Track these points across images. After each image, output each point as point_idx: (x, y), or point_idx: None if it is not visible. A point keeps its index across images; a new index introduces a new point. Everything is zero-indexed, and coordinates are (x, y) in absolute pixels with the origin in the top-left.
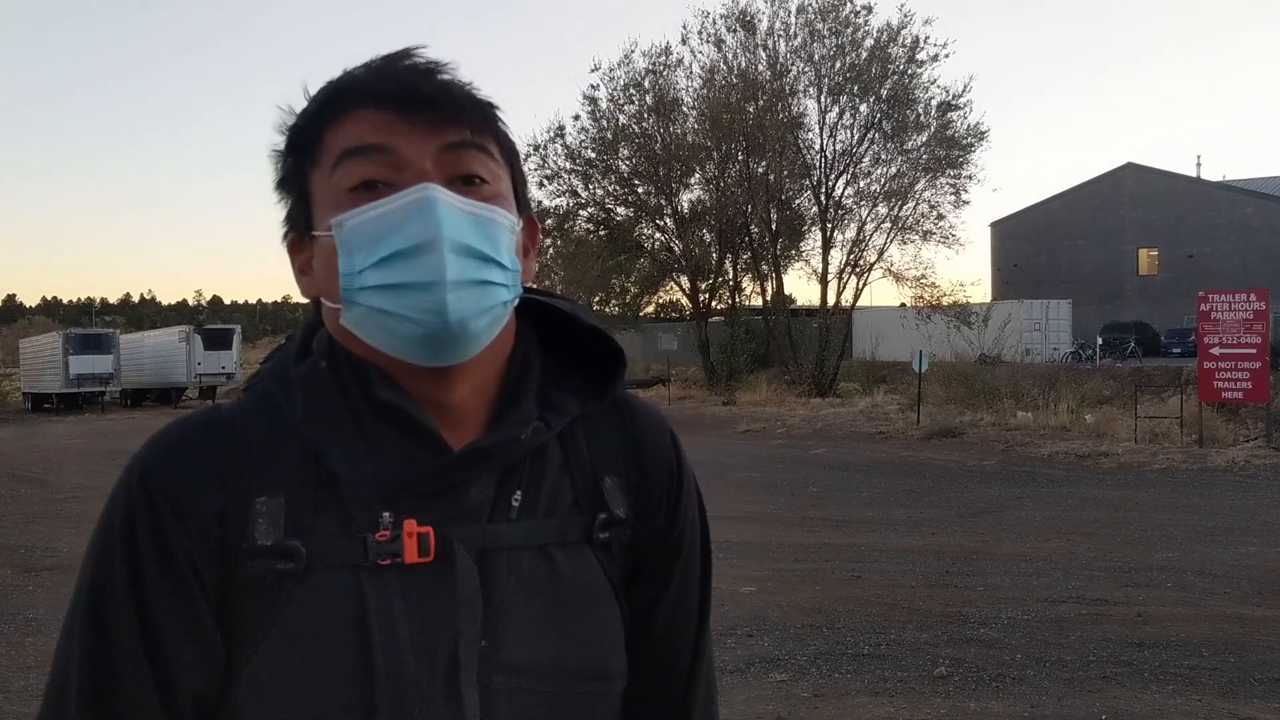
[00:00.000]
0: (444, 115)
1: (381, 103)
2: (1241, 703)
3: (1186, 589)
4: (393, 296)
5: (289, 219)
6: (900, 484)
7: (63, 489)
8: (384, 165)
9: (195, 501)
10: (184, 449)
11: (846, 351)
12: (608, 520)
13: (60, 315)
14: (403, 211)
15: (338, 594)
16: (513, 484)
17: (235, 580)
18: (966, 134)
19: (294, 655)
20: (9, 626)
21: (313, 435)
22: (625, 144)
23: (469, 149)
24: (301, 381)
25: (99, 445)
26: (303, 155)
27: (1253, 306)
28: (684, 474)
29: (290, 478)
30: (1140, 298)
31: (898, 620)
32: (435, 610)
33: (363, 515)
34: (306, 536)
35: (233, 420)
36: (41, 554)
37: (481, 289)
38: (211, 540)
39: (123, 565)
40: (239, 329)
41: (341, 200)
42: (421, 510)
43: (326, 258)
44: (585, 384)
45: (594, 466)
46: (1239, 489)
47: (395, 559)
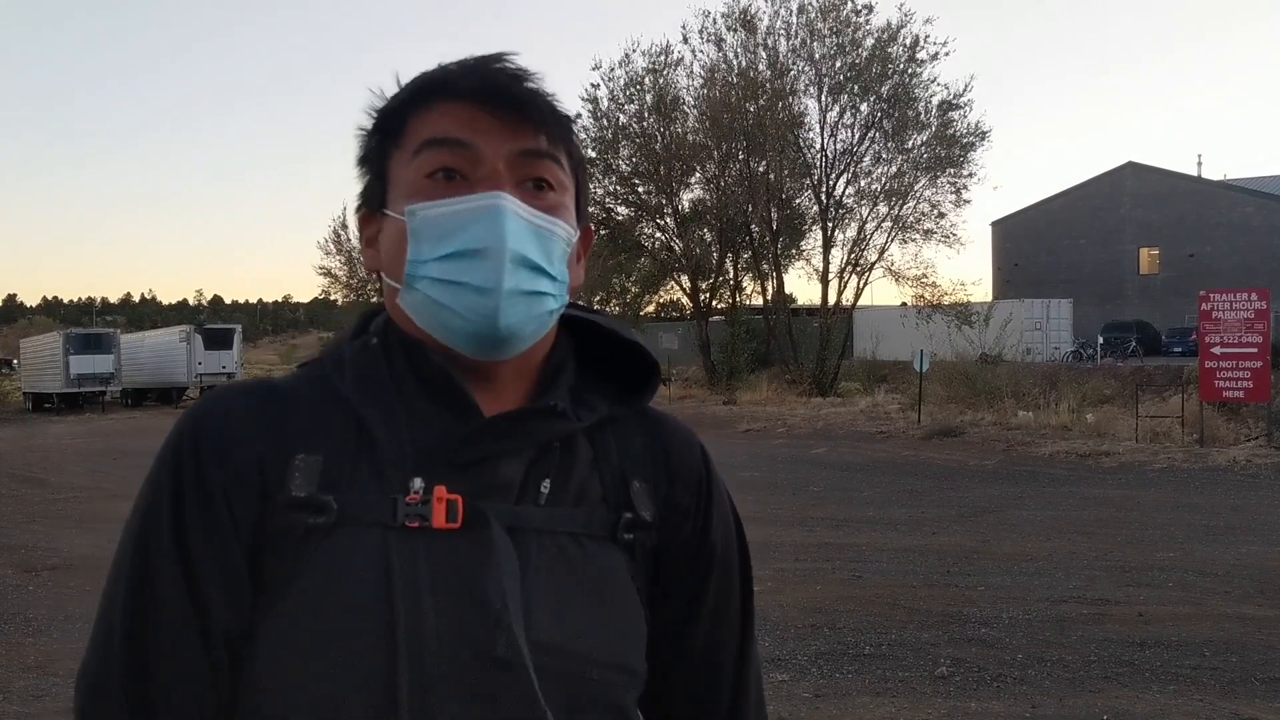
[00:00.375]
0: (524, 120)
1: (468, 98)
2: (1243, 702)
3: (1188, 588)
4: (450, 292)
5: (365, 194)
6: (901, 483)
7: (63, 489)
8: (462, 158)
9: (237, 448)
10: (231, 403)
11: (847, 351)
12: (633, 521)
13: (61, 315)
14: (472, 214)
15: (363, 548)
16: (542, 471)
17: (268, 529)
18: (967, 133)
19: (316, 605)
20: (9, 626)
21: (357, 400)
22: (626, 143)
23: (542, 158)
24: (352, 355)
25: (99, 445)
26: (386, 137)
27: (1253, 306)
28: (714, 487)
29: (331, 439)
30: (1141, 297)
31: (899, 620)
32: (459, 577)
33: (395, 477)
34: (340, 493)
35: (282, 385)
36: (42, 554)
37: (531, 299)
38: (251, 485)
39: (168, 507)
40: (239, 329)
41: (418, 185)
42: (452, 480)
43: (395, 239)
44: (617, 391)
45: (623, 468)
46: (1240, 488)
47: (423, 522)
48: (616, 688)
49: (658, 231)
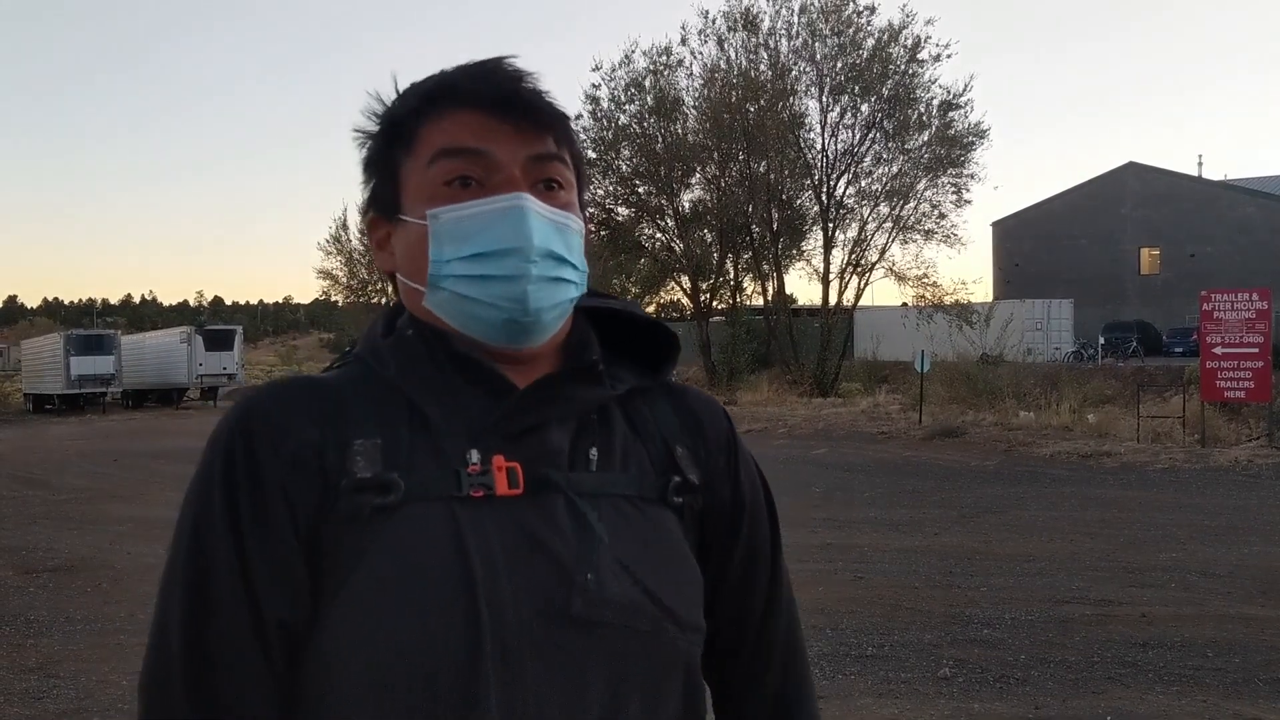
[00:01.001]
0: (534, 124)
1: (478, 105)
2: (1246, 703)
3: (1190, 589)
4: (479, 286)
5: (375, 198)
6: (902, 484)
7: (64, 490)
8: (478, 166)
9: (293, 434)
10: (283, 394)
11: (848, 351)
12: (681, 484)
13: (61, 316)
14: (497, 215)
15: (434, 521)
16: (587, 440)
17: (333, 514)
18: (967, 133)
19: (390, 579)
20: (10, 628)
21: (405, 385)
22: (626, 144)
23: (552, 160)
24: (391, 347)
25: (100, 446)
26: (397, 145)
27: (1255, 306)
28: (739, 446)
29: (386, 423)
30: (1142, 297)
31: (901, 621)
32: (530, 541)
33: (453, 452)
34: (404, 470)
35: (328, 380)
36: (43, 555)
37: (556, 285)
38: (308, 470)
39: (220, 500)
40: (240, 330)
41: (436, 192)
42: (506, 449)
43: (414, 242)
44: (639, 367)
45: (663, 435)
46: (1242, 488)
47: (487, 491)
48: (690, 645)
49: (658, 232)
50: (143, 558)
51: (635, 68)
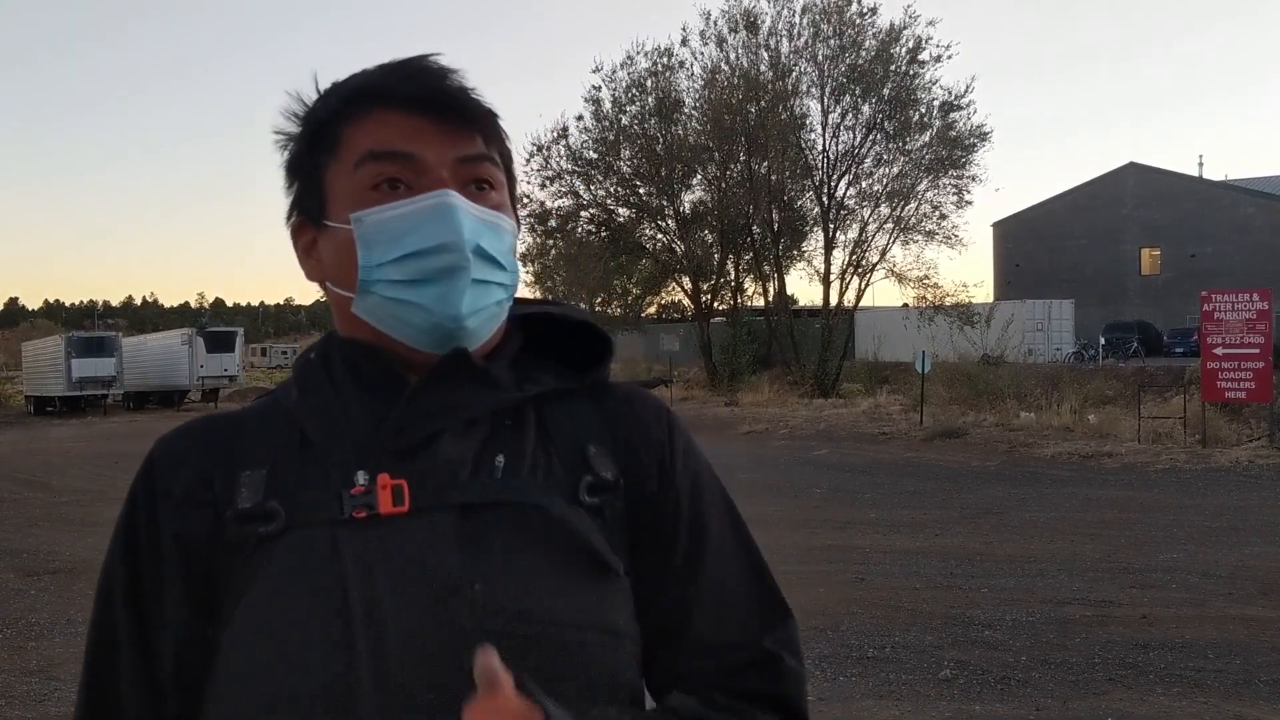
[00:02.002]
0: (462, 124)
1: (404, 106)
2: (1247, 704)
3: (1191, 590)
4: (410, 289)
5: (298, 203)
6: (903, 485)
7: (65, 492)
8: (406, 168)
9: (186, 468)
10: (183, 433)
11: (849, 352)
12: (594, 483)
13: (63, 318)
14: (425, 214)
15: (314, 547)
16: (495, 447)
17: (221, 545)
18: (969, 134)
19: (271, 605)
20: (11, 631)
21: (298, 412)
22: (627, 145)
23: (482, 160)
24: (297, 374)
25: (101, 448)
26: (320, 148)
27: (1256, 306)
28: (677, 446)
29: (275, 452)
30: (1142, 297)
31: (902, 623)
32: (414, 557)
33: (339, 475)
34: (286, 498)
35: (232, 414)
36: (44, 558)
37: (486, 289)
38: (200, 504)
39: (121, 558)
40: (241, 331)
41: (362, 196)
42: (396, 468)
43: (341, 248)
44: (567, 367)
45: (576, 436)
46: (1243, 489)
47: (370, 511)
48: (596, 648)
49: (659, 233)
50: None
51: (636, 69)
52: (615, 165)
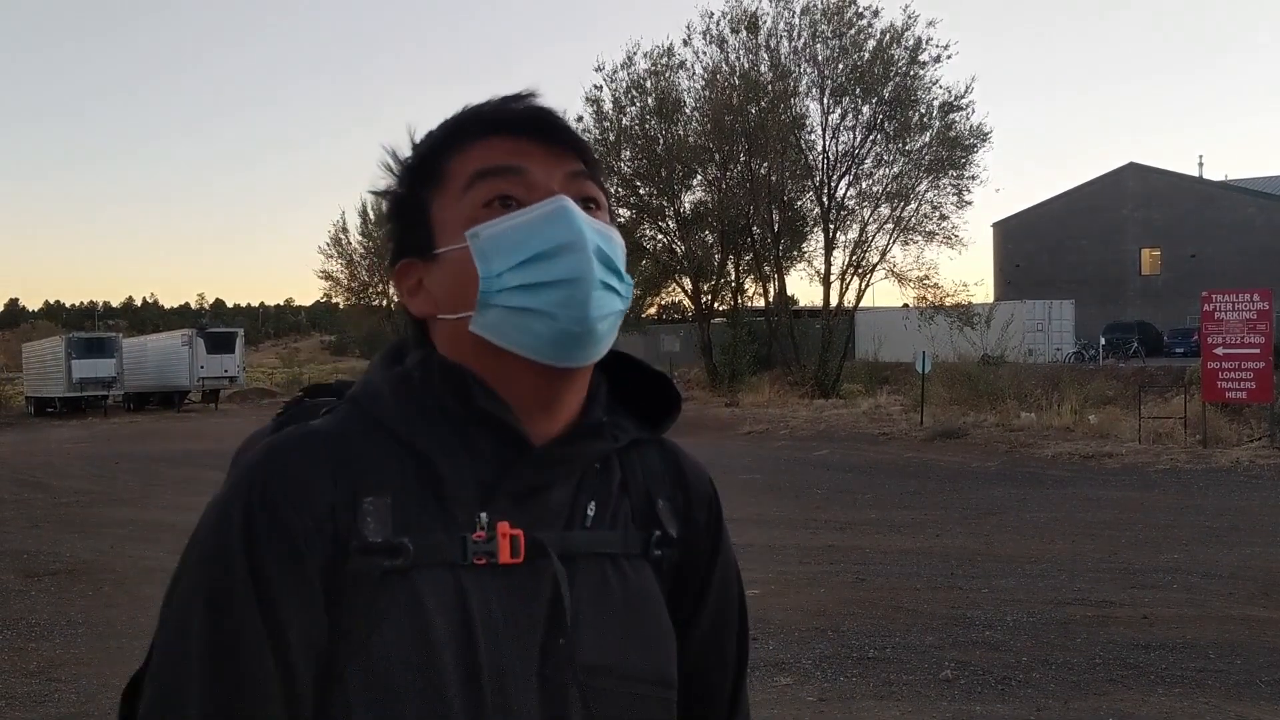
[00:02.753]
0: (567, 145)
1: (511, 130)
2: (1248, 705)
3: (1192, 590)
4: (535, 295)
5: (404, 245)
6: (904, 485)
7: (66, 493)
8: (517, 184)
9: (311, 496)
10: (291, 453)
11: (849, 352)
12: (662, 538)
13: (63, 319)
14: (543, 219)
15: (441, 590)
16: (587, 494)
17: (343, 574)
18: (969, 135)
19: (406, 648)
20: (12, 632)
21: (413, 437)
22: (627, 145)
23: (588, 179)
24: (394, 389)
25: (102, 449)
26: (424, 183)
27: (1256, 306)
28: (722, 518)
29: (394, 479)
30: (1143, 298)
31: (903, 623)
32: (524, 609)
33: (462, 514)
34: (413, 534)
35: (331, 431)
36: (45, 559)
37: (609, 295)
38: (326, 533)
39: (243, 566)
40: (242, 332)
41: (475, 215)
42: (511, 512)
43: (456, 270)
44: (640, 417)
45: (648, 487)
46: (1243, 489)
47: (490, 559)
48: (662, 702)
49: (659, 233)
50: (144, 561)
51: (637, 69)
52: (616, 165)
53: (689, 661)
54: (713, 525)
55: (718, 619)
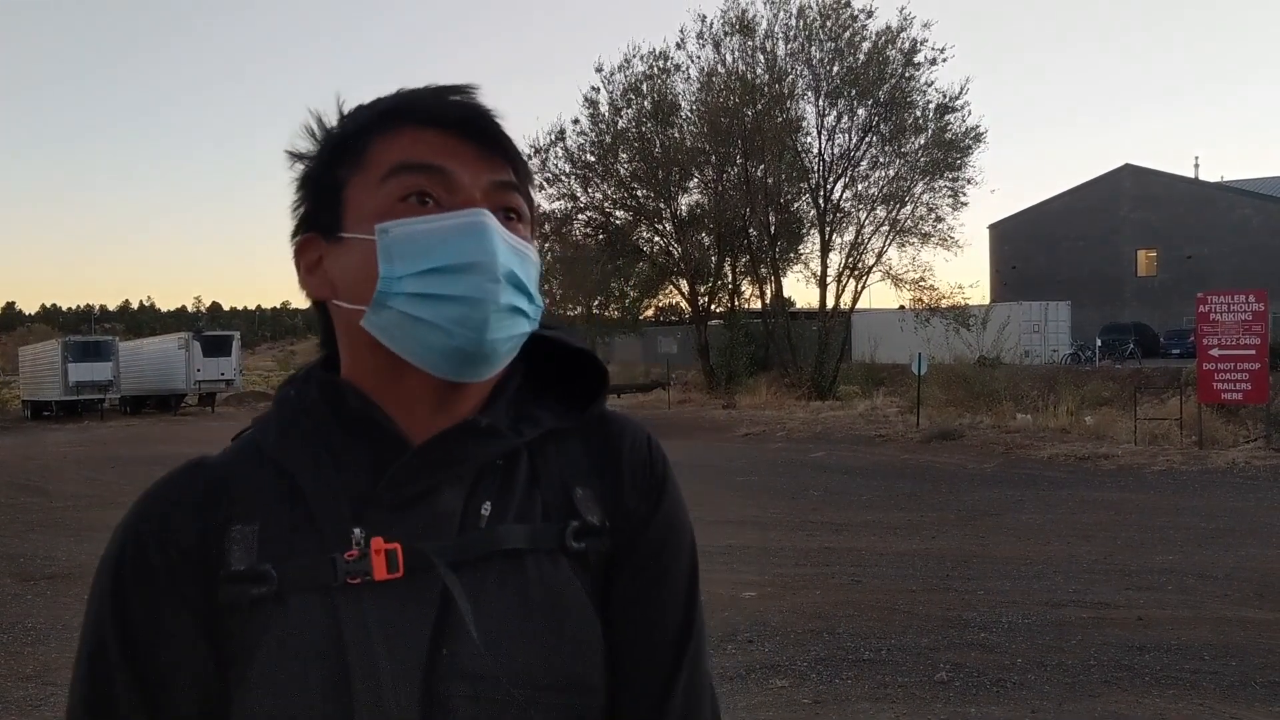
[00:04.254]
0: (497, 151)
1: (441, 125)
2: (1243, 706)
3: (1187, 592)
4: (432, 307)
5: (310, 218)
6: (900, 487)
7: (62, 497)
8: (438, 184)
9: (177, 529)
10: (165, 489)
11: (846, 354)
12: (581, 528)
13: (59, 323)
14: (457, 229)
15: (313, 616)
16: (483, 494)
17: (216, 605)
18: (964, 136)
19: (276, 677)
20: (8, 636)
21: (283, 459)
22: (624, 148)
23: (513, 190)
24: (275, 411)
25: (98, 453)
26: (344, 161)
27: (1252, 308)
28: (664, 486)
29: (265, 505)
30: (1139, 299)
31: (898, 625)
32: (410, 626)
33: (335, 533)
34: (279, 560)
35: (212, 462)
36: (41, 563)
37: (514, 316)
38: (194, 563)
39: (112, 617)
40: (238, 335)
41: (388, 208)
42: (393, 523)
43: (358, 260)
44: (563, 402)
45: (564, 479)
46: (1239, 491)
47: (365, 577)
48: (568, 709)
49: (656, 235)
50: None
51: (633, 72)
52: (613, 168)
53: (629, 632)
54: (650, 507)
55: (656, 588)
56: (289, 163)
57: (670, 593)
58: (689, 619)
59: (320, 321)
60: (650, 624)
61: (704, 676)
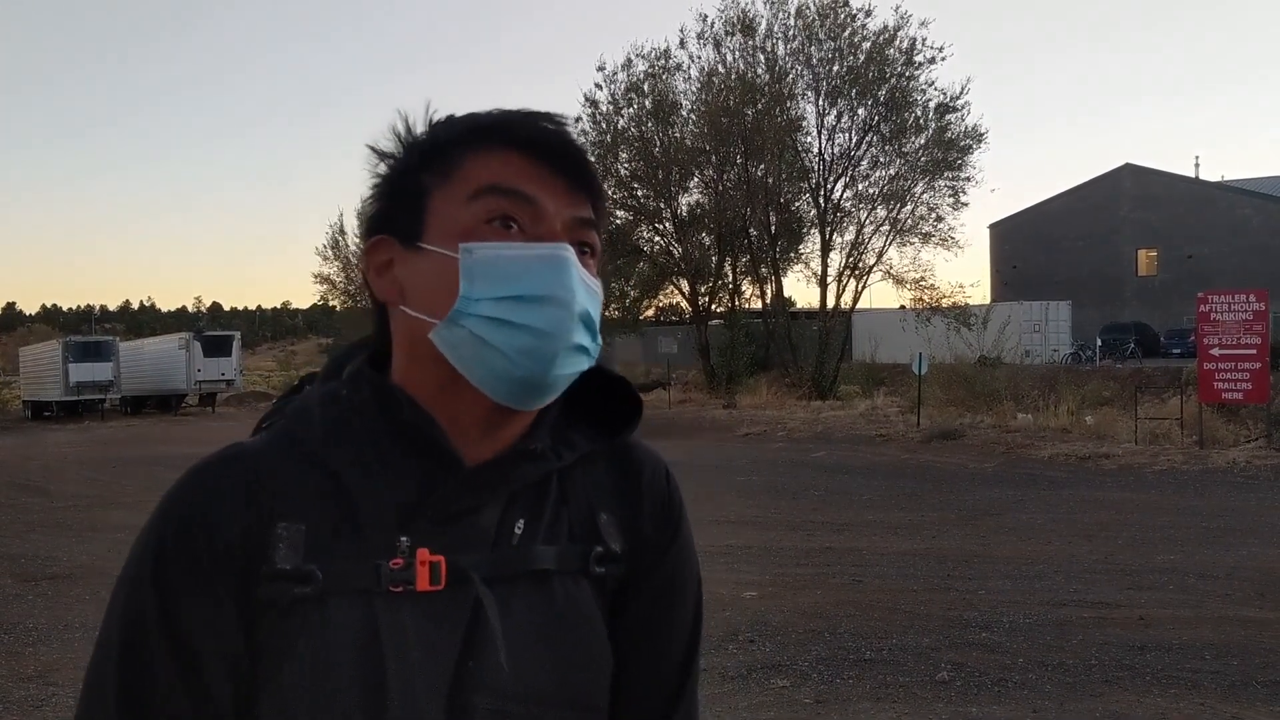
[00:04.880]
0: (582, 186)
1: (535, 153)
2: (1244, 706)
3: (1188, 591)
4: (505, 333)
5: (387, 220)
6: (901, 487)
7: (63, 498)
8: (524, 211)
9: (222, 521)
10: (209, 479)
11: (846, 354)
12: (604, 554)
13: (60, 323)
14: (540, 261)
15: (353, 619)
16: (517, 511)
17: (254, 601)
18: (964, 136)
19: (313, 678)
20: (9, 636)
21: (330, 458)
22: (624, 147)
23: (591, 227)
24: (320, 407)
25: (99, 453)
26: (433, 169)
27: (1252, 307)
28: (681, 520)
29: (310, 503)
30: (1139, 299)
31: (899, 625)
32: (444, 637)
33: (380, 539)
34: (324, 561)
35: (253, 452)
36: (42, 563)
37: (580, 354)
38: (236, 558)
39: (154, 600)
40: (238, 335)
41: (474, 227)
42: (436, 534)
43: (437, 273)
44: (597, 425)
45: (590, 502)
46: (1240, 490)
47: (407, 586)
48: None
49: (656, 235)
50: None
51: (635, 71)
52: (613, 167)
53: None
54: (666, 538)
55: (656, 618)
56: (371, 161)
57: (678, 624)
58: (691, 651)
59: (376, 321)
60: (657, 653)
61: (696, 706)
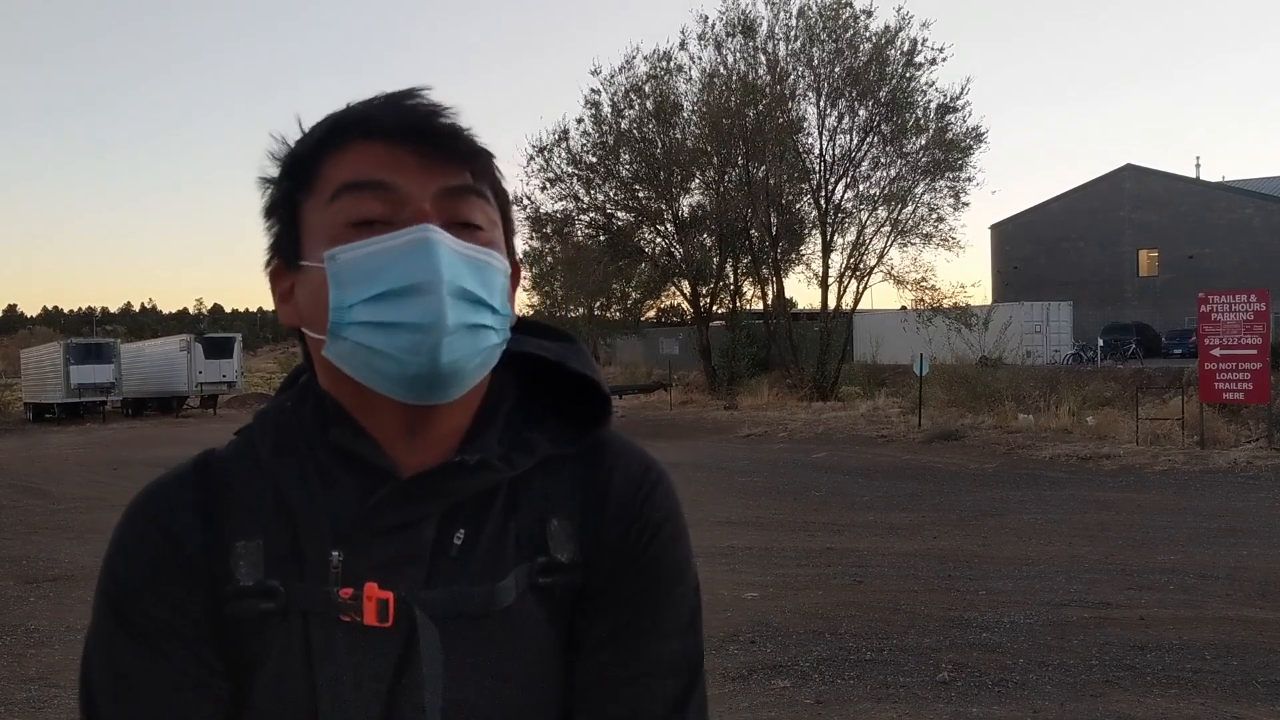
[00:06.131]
0: (447, 156)
1: (386, 137)
2: (1244, 706)
3: (1189, 591)
4: (383, 335)
5: (276, 246)
6: (902, 487)
7: (64, 499)
8: (383, 202)
9: (180, 535)
10: (162, 498)
11: (847, 355)
12: (548, 564)
13: (61, 325)
14: (400, 250)
15: (306, 640)
16: (456, 522)
17: (222, 617)
18: (965, 136)
19: (274, 695)
20: (11, 638)
21: (275, 474)
22: (626, 149)
23: (469, 195)
24: (273, 420)
25: (100, 455)
26: (298, 183)
27: (1253, 307)
28: (663, 522)
29: (265, 519)
30: (1140, 299)
31: (900, 625)
32: (374, 659)
33: (315, 554)
34: (284, 578)
35: (217, 463)
36: (44, 565)
37: (474, 333)
38: (199, 576)
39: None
40: (240, 337)
41: (338, 234)
42: (370, 546)
43: (315, 289)
44: (563, 427)
45: (542, 508)
46: (1241, 490)
47: (356, 618)
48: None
49: (658, 237)
50: None
51: (635, 73)
52: (615, 169)
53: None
54: (638, 534)
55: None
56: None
57: (666, 633)
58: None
59: (302, 347)
60: (644, 663)
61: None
